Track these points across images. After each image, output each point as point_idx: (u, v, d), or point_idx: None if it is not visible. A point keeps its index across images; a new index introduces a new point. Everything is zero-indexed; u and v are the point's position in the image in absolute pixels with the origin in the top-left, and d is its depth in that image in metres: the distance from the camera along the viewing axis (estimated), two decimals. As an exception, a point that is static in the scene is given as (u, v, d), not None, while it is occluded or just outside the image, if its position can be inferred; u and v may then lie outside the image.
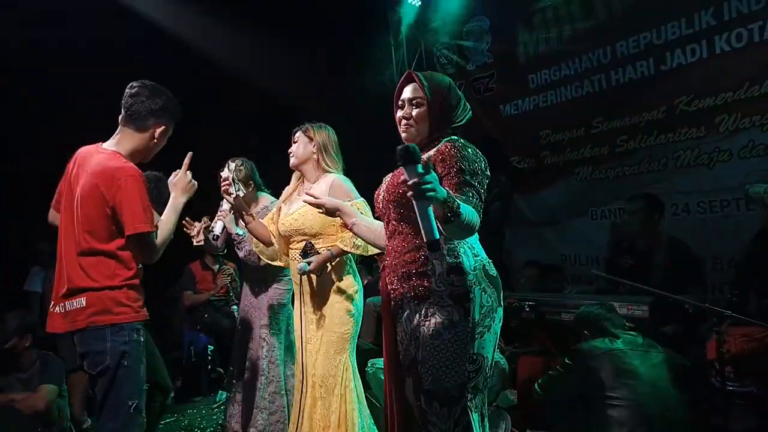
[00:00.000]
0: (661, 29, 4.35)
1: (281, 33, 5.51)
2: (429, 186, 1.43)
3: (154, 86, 2.27)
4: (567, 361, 2.75)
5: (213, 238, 3.14)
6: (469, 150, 1.80)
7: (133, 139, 2.25)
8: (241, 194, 2.77)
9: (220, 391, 4.56)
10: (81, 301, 2.10)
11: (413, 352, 1.87)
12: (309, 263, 2.56)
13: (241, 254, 3.39)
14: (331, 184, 2.62)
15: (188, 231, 3.19)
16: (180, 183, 2.34)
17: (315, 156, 2.72)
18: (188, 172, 2.36)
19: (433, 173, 1.47)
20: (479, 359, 1.79)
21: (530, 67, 5.39)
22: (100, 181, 2.11)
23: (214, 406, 4.46)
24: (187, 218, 3.25)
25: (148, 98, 2.23)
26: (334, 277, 2.65)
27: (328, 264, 2.62)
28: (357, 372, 2.67)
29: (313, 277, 2.63)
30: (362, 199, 2.58)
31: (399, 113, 1.95)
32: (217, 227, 2.92)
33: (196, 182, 2.37)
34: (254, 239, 2.89)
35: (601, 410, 2.56)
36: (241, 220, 3.09)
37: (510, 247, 5.52)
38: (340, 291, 2.64)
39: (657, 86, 4.42)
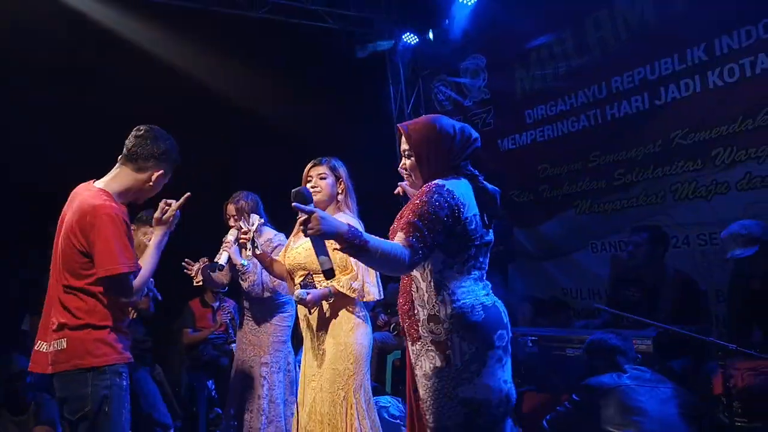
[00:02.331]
0: (654, 65, 4.43)
1: (277, 72, 5.59)
2: (316, 223, 1.58)
3: (160, 131, 2.26)
4: (574, 397, 2.71)
5: (218, 269, 3.12)
6: (436, 196, 1.77)
7: (129, 179, 2.21)
8: (258, 251, 2.75)
9: (218, 432, 4.46)
10: (62, 342, 2.03)
11: (413, 386, 1.94)
12: (308, 293, 2.53)
13: (245, 285, 3.36)
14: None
15: (188, 272, 3.17)
16: (167, 220, 2.26)
17: (341, 196, 2.69)
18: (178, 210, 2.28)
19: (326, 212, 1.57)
20: (473, 402, 1.76)
21: (527, 102, 5.47)
22: (77, 218, 2.08)
23: (213, 447, 4.36)
24: (186, 259, 3.25)
25: (153, 142, 2.21)
26: (336, 312, 2.61)
27: (326, 301, 2.59)
28: (365, 411, 2.57)
29: (316, 312, 2.61)
30: None
31: (401, 163, 2.04)
32: (222, 258, 2.91)
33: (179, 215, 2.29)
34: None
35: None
36: (245, 251, 3.08)
37: (511, 282, 5.50)
38: (342, 326, 2.60)
39: (652, 120, 4.48)
